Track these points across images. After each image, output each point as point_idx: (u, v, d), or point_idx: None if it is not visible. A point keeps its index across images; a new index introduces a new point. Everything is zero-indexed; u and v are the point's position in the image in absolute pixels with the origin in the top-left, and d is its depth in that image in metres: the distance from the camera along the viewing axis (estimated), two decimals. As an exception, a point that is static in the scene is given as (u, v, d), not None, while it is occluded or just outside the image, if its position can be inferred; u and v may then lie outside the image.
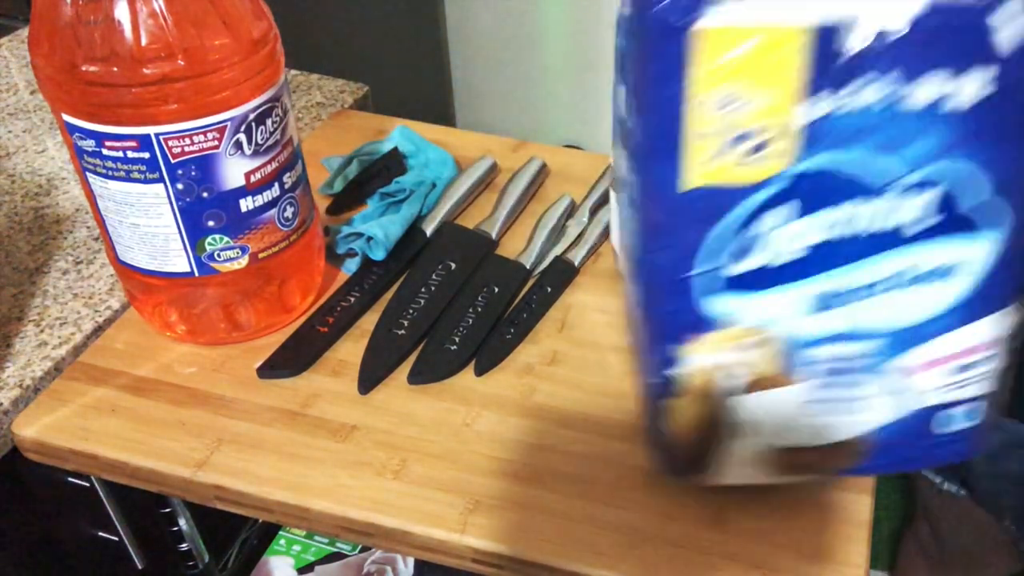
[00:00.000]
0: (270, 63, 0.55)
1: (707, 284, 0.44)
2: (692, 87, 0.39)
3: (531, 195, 0.78)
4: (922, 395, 0.47)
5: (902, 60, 0.39)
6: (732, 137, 0.40)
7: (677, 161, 0.41)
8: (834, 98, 0.39)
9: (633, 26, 0.41)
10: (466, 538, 0.52)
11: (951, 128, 0.40)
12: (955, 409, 0.48)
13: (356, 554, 0.90)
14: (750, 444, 0.49)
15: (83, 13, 0.50)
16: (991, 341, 0.45)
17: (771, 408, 0.47)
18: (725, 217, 0.42)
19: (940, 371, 0.46)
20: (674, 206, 0.42)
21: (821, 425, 0.48)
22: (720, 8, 0.38)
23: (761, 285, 0.43)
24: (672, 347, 0.46)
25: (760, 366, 0.46)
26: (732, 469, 0.50)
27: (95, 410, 0.59)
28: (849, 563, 0.50)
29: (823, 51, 0.38)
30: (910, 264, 0.43)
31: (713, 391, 0.47)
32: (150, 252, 0.58)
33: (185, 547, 0.74)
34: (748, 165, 0.40)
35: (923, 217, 0.42)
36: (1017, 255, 0.43)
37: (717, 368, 0.46)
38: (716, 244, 0.42)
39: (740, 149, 0.40)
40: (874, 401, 0.47)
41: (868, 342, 0.45)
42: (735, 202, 0.41)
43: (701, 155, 0.40)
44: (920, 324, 0.45)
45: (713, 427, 0.48)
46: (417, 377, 0.61)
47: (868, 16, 0.38)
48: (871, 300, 0.44)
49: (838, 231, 0.42)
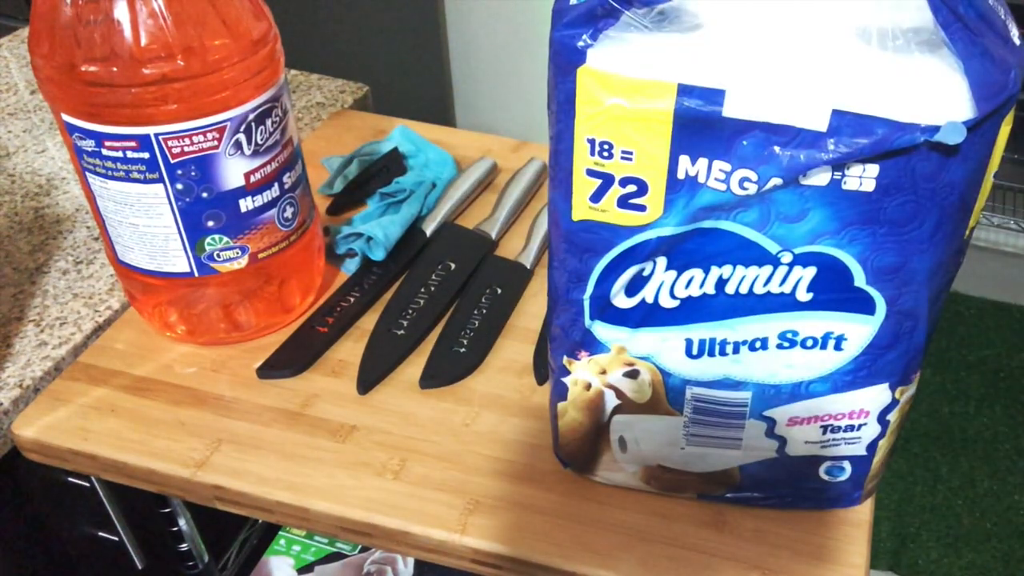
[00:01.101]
0: (270, 63, 0.55)
1: (595, 309, 0.45)
2: (577, 126, 0.39)
3: (531, 195, 0.78)
4: (797, 444, 0.48)
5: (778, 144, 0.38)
6: (613, 180, 0.40)
7: (569, 192, 0.41)
8: (704, 167, 0.39)
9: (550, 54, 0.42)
10: (465, 538, 0.52)
11: (825, 215, 0.39)
12: (837, 462, 0.49)
13: (356, 554, 0.90)
14: (631, 457, 0.51)
15: (83, 13, 0.50)
16: (860, 411, 0.46)
17: (647, 431, 0.49)
18: (608, 252, 0.43)
19: (813, 427, 0.47)
20: (566, 232, 0.43)
21: (694, 454, 0.50)
22: (608, 48, 0.37)
23: (642, 322, 0.45)
24: (565, 358, 0.48)
25: (639, 393, 0.47)
26: (617, 475, 0.52)
27: (95, 410, 0.59)
28: (849, 563, 0.50)
29: (693, 117, 0.38)
30: (784, 328, 0.44)
31: (594, 406, 0.49)
32: (150, 252, 0.58)
33: (185, 547, 0.74)
34: (623, 211, 0.41)
35: (793, 291, 0.42)
36: (893, 339, 0.43)
37: (601, 386, 0.48)
38: (604, 275, 0.43)
39: (616, 194, 0.40)
40: (747, 442, 0.48)
41: (743, 391, 0.46)
42: (615, 241, 0.42)
43: (585, 191, 0.41)
44: (794, 384, 0.45)
45: (593, 436, 0.51)
46: (429, 381, 0.61)
47: (742, 98, 0.37)
48: (748, 354, 0.45)
49: (710, 288, 0.43)
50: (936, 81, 0.36)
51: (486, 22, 1.46)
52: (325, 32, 1.17)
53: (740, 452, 0.49)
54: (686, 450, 0.49)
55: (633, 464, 0.51)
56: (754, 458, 0.49)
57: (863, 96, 0.36)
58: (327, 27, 1.18)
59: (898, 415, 0.47)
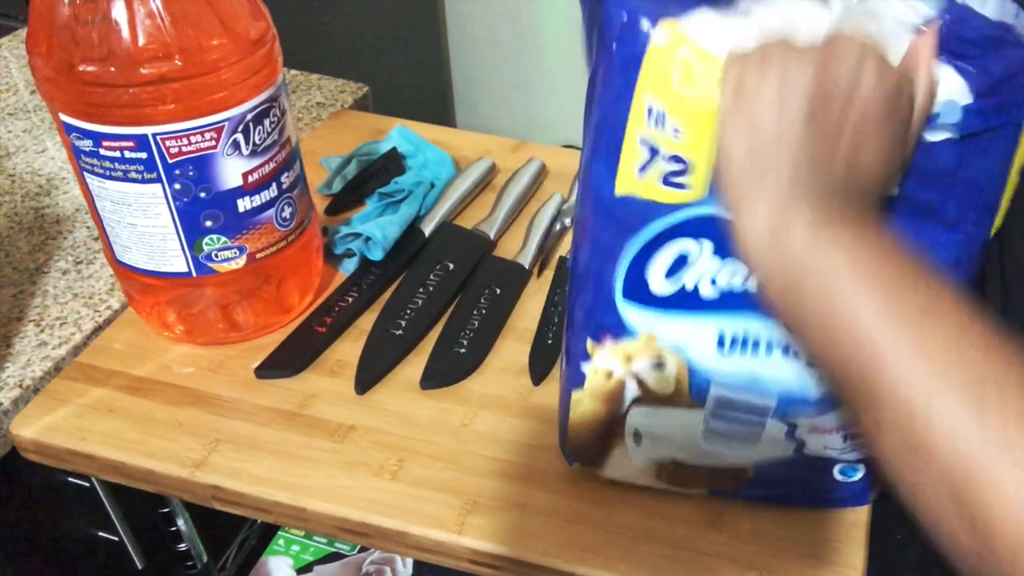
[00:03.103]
0: (268, 63, 0.55)
1: (628, 289, 0.44)
2: (638, 88, 0.39)
3: (530, 195, 0.78)
4: (816, 448, 0.48)
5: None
6: (659, 154, 0.40)
7: (615, 162, 0.41)
8: None
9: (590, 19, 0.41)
10: (463, 539, 0.51)
11: None
12: (852, 464, 0.49)
13: (355, 554, 0.90)
14: (644, 451, 0.50)
15: (81, 13, 0.50)
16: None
17: (665, 425, 0.48)
18: (645, 229, 0.42)
19: (835, 436, 0.47)
20: (605, 206, 0.42)
21: (711, 450, 0.49)
22: (684, 21, 0.37)
23: (676, 307, 0.44)
24: (589, 342, 0.47)
25: (663, 384, 0.47)
26: (625, 469, 0.52)
27: (93, 410, 0.59)
28: (847, 564, 0.50)
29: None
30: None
31: (614, 396, 0.48)
32: (148, 252, 0.58)
33: (184, 547, 0.74)
34: (668, 187, 0.41)
35: None
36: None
37: (624, 374, 0.47)
38: (640, 254, 0.43)
39: (663, 168, 0.40)
40: (766, 441, 0.48)
41: (765, 396, 0.46)
42: (653, 218, 0.42)
43: (633, 161, 0.41)
44: (811, 394, 0.45)
45: (607, 429, 0.50)
46: (430, 382, 0.61)
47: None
48: (780, 358, 0.44)
49: (746, 280, 0.43)
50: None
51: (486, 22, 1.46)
52: (325, 32, 1.17)
53: (757, 451, 0.48)
54: (703, 446, 0.49)
55: (645, 459, 0.51)
56: (770, 456, 0.49)
57: None
58: (327, 27, 1.18)
59: None
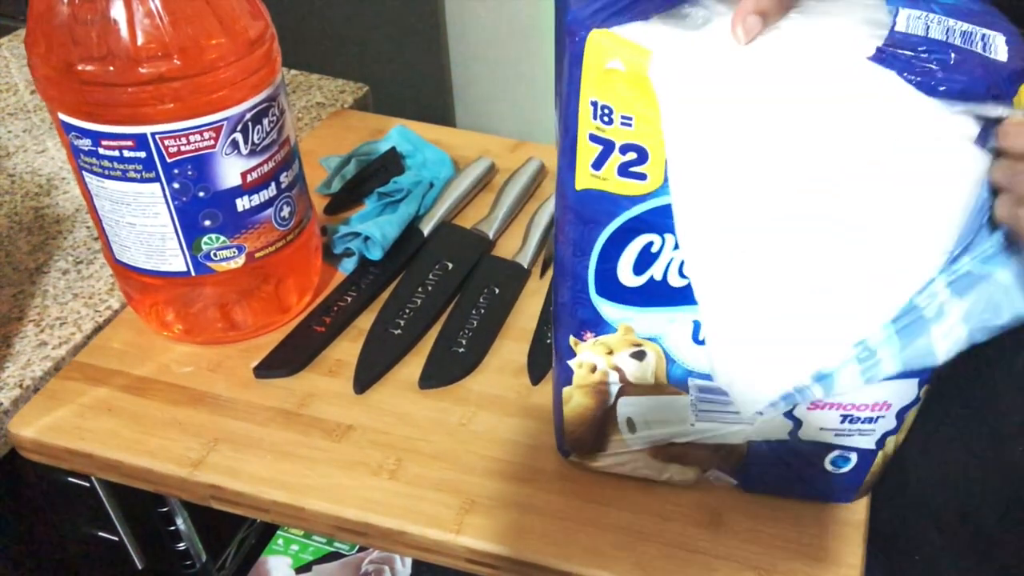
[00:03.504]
0: (266, 63, 0.55)
1: (600, 286, 0.45)
2: (583, 88, 0.39)
3: (529, 195, 0.78)
4: (812, 429, 0.48)
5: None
6: (613, 146, 0.40)
7: (573, 159, 0.41)
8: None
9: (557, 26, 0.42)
10: (461, 538, 0.51)
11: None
12: (845, 452, 0.49)
13: (354, 554, 0.90)
14: (640, 437, 0.51)
15: (79, 13, 0.50)
16: (883, 404, 0.46)
17: (654, 410, 0.49)
18: (611, 223, 0.42)
19: (833, 414, 0.47)
20: (570, 202, 0.43)
21: (705, 428, 0.49)
22: (624, 23, 0.38)
23: (650, 301, 0.44)
24: (572, 338, 0.47)
25: (642, 375, 0.47)
26: (624, 456, 0.52)
27: (92, 410, 0.59)
28: (845, 563, 0.50)
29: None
30: None
31: (600, 388, 0.49)
32: (147, 251, 0.58)
33: (183, 546, 0.74)
34: (626, 179, 0.41)
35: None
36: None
37: (607, 367, 0.48)
38: (608, 248, 0.43)
39: (617, 161, 0.40)
40: (762, 419, 0.48)
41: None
42: (616, 212, 0.42)
43: (587, 158, 0.41)
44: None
45: (600, 420, 0.50)
46: (429, 381, 0.61)
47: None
48: None
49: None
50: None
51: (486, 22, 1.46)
52: (325, 32, 1.17)
53: (753, 428, 0.48)
54: (696, 425, 0.49)
55: (643, 443, 0.51)
56: (765, 436, 0.49)
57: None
58: (327, 27, 1.18)
59: (914, 413, 0.47)
